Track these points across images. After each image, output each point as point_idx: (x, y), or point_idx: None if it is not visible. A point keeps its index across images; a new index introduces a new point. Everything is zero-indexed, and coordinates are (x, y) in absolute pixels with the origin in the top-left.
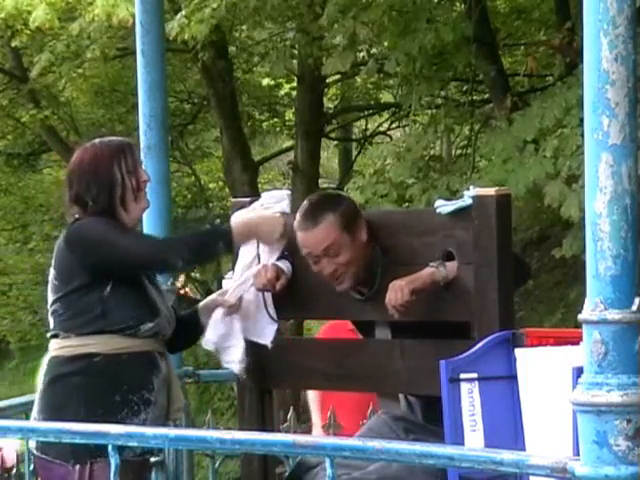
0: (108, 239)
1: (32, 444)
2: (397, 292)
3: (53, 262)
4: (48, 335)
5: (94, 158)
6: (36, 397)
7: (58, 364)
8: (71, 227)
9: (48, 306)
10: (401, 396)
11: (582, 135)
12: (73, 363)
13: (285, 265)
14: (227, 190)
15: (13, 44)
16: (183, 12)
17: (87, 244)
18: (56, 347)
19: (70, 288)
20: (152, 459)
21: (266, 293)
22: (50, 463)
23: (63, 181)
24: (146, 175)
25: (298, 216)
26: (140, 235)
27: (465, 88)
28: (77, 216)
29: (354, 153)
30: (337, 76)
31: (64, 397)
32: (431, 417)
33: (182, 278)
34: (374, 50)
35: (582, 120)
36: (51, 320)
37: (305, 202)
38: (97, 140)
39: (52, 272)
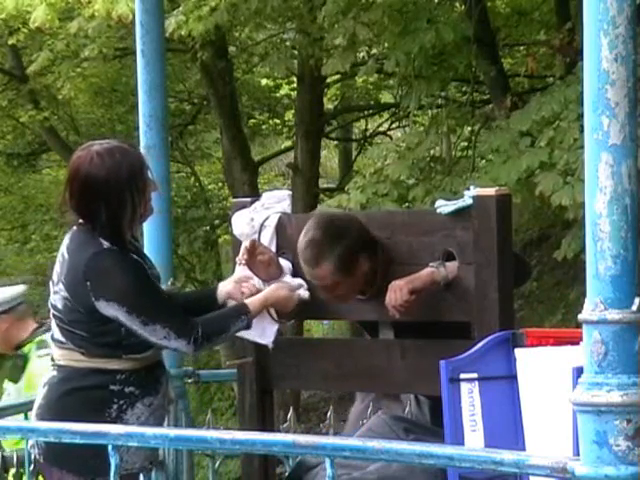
0: (138, 309)
1: (36, 450)
2: (396, 292)
3: (64, 277)
4: (55, 342)
5: (107, 180)
6: (42, 401)
7: (76, 376)
8: (94, 261)
9: (55, 313)
10: (411, 395)
11: (580, 129)
12: (94, 377)
13: (286, 264)
14: (227, 190)
15: (10, 42)
16: (181, 9)
17: (116, 302)
18: (69, 358)
19: (87, 317)
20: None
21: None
22: (64, 475)
23: (66, 184)
24: (154, 185)
25: (301, 243)
26: (171, 309)
27: (465, 88)
28: (81, 221)
29: (354, 153)
30: (337, 76)
31: (81, 410)
32: (439, 416)
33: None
34: (374, 50)
35: (581, 115)
36: (60, 331)
37: (310, 230)
38: (105, 153)
39: (62, 288)
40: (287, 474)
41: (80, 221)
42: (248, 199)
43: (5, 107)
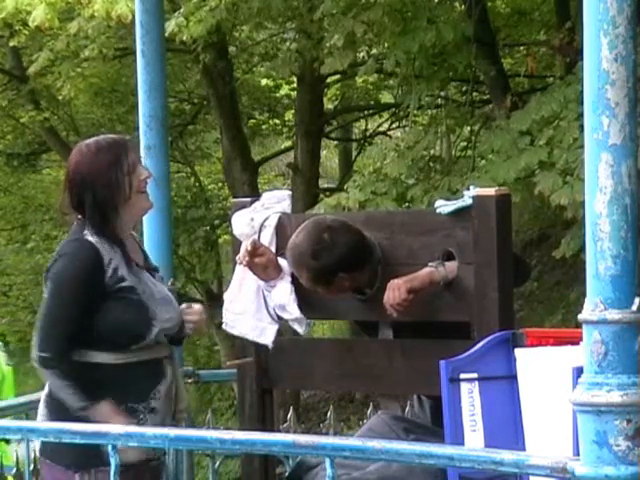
0: (50, 308)
1: (36, 446)
2: (394, 291)
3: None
4: None
5: (91, 168)
6: (42, 398)
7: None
8: (64, 246)
9: None
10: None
11: (580, 129)
12: (85, 371)
13: (285, 264)
14: (227, 190)
15: (11, 44)
16: (182, 11)
17: (48, 280)
18: None
19: None
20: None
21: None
22: (53, 468)
23: (63, 183)
24: (147, 172)
25: (290, 242)
26: (62, 330)
27: (465, 88)
28: (80, 217)
29: (354, 153)
30: (337, 76)
31: None
32: (441, 415)
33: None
34: (374, 50)
35: (581, 115)
36: None
37: (301, 234)
38: (92, 143)
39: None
40: (287, 474)
41: (79, 217)
42: (248, 199)
43: (5, 107)
